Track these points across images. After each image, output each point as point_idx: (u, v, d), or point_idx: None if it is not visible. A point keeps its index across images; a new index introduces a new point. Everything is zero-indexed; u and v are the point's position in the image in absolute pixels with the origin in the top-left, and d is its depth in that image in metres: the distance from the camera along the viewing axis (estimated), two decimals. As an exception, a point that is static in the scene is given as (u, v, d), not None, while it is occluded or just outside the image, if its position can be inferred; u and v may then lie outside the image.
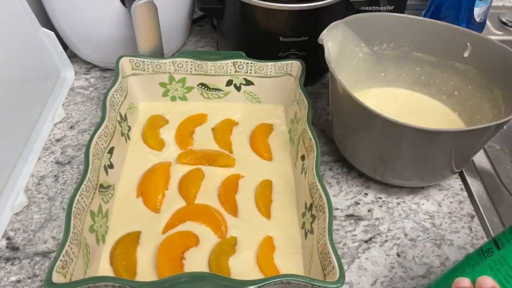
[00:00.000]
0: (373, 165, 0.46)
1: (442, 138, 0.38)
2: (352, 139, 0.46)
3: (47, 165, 0.49)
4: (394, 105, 0.52)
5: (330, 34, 0.46)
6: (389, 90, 0.54)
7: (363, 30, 0.49)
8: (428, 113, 0.51)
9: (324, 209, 0.36)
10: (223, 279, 0.32)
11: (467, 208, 0.45)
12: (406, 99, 0.53)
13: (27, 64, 0.50)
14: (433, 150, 0.40)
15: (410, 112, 0.49)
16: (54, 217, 0.44)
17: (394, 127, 0.38)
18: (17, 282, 0.39)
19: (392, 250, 0.42)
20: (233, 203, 0.44)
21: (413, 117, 0.41)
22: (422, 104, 0.52)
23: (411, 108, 0.51)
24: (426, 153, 0.40)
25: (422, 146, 0.39)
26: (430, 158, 0.41)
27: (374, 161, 0.45)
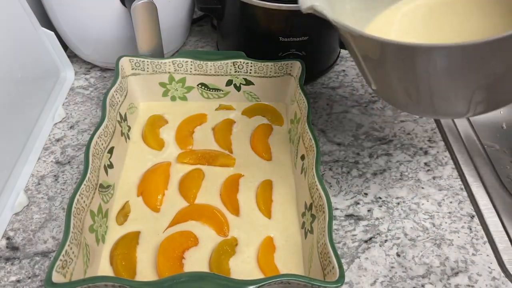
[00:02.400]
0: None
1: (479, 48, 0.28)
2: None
3: (47, 165, 0.49)
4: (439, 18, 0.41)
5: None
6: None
7: None
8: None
9: (324, 209, 0.36)
10: (223, 279, 0.32)
11: (467, 208, 0.46)
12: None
13: (27, 64, 0.50)
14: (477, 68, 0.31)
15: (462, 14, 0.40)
16: (54, 217, 0.44)
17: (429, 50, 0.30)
18: (17, 282, 0.39)
19: (392, 250, 0.42)
20: (235, 202, 0.44)
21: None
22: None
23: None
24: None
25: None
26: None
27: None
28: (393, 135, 0.54)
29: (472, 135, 0.54)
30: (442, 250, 0.42)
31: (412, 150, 0.52)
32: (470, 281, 0.39)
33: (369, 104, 0.58)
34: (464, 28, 0.40)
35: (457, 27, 0.40)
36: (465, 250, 0.42)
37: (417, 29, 0.42)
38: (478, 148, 0.52)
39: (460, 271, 0.40)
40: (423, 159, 0.50)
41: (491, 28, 0.39)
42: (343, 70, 0.64)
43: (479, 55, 0.30)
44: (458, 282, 0.39)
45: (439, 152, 0.51)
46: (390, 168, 0.49)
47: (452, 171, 0.49)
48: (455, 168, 0.50)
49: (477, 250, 0.42)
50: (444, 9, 0.42)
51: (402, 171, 0.49)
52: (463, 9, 0.41)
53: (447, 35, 0.40)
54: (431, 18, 0.42)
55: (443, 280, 0.39)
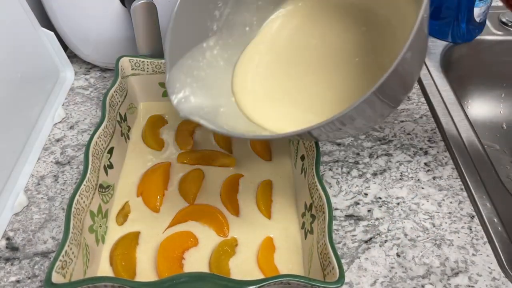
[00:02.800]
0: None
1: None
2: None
3: (46, 165, 0.49)
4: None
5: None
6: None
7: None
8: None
9: (324, 209, 0.36)
10: (223, 279, 0.31)
11: (467, 208, 0.45)
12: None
13: (26, 64, 0.50)
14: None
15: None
16: (53, 217, 0.44)
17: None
18: (16, 282, 0.39)
19: (392, 250, 0.42)
20: (235, 203, 0.44)
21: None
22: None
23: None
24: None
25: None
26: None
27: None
28: (393, 135, 0.54)
29: (472, 135, 0.54)
30: (442, 251, 0.42)
31: (412, 150, 0.52)
32: (470, 281, 0.39)
33: (369, 104, 0.58)
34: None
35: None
36: (465, 250, 0.42)
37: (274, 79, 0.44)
38: (478, 148, 0.52)
39: (460, 272, 0.40)
40: (423, 159, 0.50)
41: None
42: (343, 70, 0.64)
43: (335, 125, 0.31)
44: (458, 283, 0.39)
45: (439, 152, 0.51)
46: (390, 168, 0.49)
47: (452, 171, 0.49)
48: (455, 168, 0.50)
49: (477, 250, 0.42)
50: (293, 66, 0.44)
51: (402, 171, 0.49)
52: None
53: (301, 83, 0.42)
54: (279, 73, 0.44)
55: (443, 281, 0.39)
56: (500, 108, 0.74)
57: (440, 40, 0.70)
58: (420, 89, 0.61)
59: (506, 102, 0.74)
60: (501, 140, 0.71)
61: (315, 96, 0.41)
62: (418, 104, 0.58)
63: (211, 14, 0.42)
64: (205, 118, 0.37)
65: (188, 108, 0.38)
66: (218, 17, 0.43)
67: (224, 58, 0.44)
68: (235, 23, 0.44)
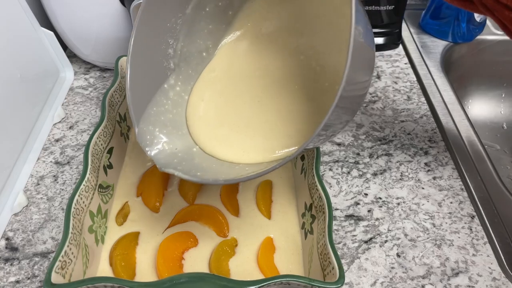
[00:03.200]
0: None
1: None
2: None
3: (46, 165, 0.49)
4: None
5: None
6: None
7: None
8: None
9: (324, 209, 0.36)
10: (223, 279, 0.31)
11: (467, 208, 0.45)
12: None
13: (26, 64, 0.50)
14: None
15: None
16: (53, 218, 0.44)
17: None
18: (16, 283, 0.39)
19: (392, 250, 0.42)
20: (235, 203, 0.44)
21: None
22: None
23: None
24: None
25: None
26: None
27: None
28: (393, 135, 0.53)
29: (473, 135, 0.54)
30: (443, 251, 0.42)
31: (413, 150, 0.52)
32: (470, 281, 0.39)
33: (369, 104, 0.58)
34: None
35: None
36: (466, 250, 0.42)
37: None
38: (479, 148, 0.52)
39: (460, 272, 0.40)
40: (423, 159, 0.50)
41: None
42: (343, 70, 0.64)
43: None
44: (458, 283, 0.39)
45: (439, 152, 0.51)
46: (390, 168, 0.49)
47: (452, 171, 0.49)
48: (455, 169, 0.49)
49: (477, 250, 0.42)
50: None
51: (402, 171, 0.49)
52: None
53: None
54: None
55: (444, 281, 0.39)
56: (500, 108, 0.74)
57: (441, 40, 0.70)
58: (420, 89, 0.61)
59: (507, 102, 0.74)
60: (501, 140, 0.71)
61: (265, 124, 0.41)
62: (418, 104, 0.58)
63: (165, 54, 0.42)
64: (181, 164, 0.37)
65: (164, 157, 0.38)
66: (173, 54, 0.43)
67: (188, 91, 0.44)
68: (191, 53, 0.44)
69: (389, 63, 0.66)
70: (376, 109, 0.57)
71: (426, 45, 0.69)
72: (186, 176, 0.35)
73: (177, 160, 0.38)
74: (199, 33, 0.44)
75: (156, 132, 0.40)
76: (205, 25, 0.44)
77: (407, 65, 0.65)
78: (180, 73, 0.44)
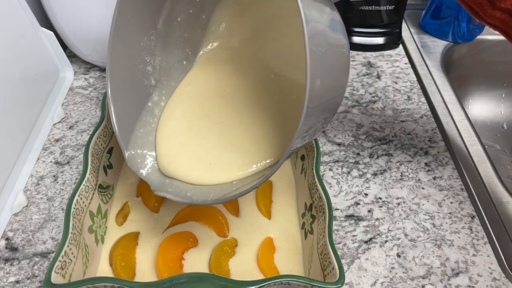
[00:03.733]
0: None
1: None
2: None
3: (46, 165, 0.49)
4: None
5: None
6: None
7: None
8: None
9: (324, 209, 0.36)
10: (222, 279, 0.31)
11: (467, 208, 0.45)
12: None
13: (26, 64, 0.50)
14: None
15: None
16: (53, 218, 0.44)
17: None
18: (16, 283, 0.39)
19: (392, 250, 0.42)
20: (235, 203, 0.44)
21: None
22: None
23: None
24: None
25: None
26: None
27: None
28: (393, 135, 0.53)
29: (473, 135, 0.54)
30: (443, 251, 0.42)
31: (413, 150, 0.52)
32: (470, 281, 0.39)
33: (369, 104, 0.58)
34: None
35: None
36: (466, 250, 0.42)
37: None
38: (479, 148, 0.52)
39: (460, 272, 0.40)
40: (423, 159, 0.50)
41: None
42: (343, 70, 0.64)
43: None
44: (458, 283, 0.39)
45: (439, 152, 0.51)
46: (391, 168, 0.49)
47: (452, 171, 0.49)
48: (455, 169, 0.49)
49: (477, 250, 0.42)
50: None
51: (403, 171, 0.49)
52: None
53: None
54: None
55: (444, 281, 0.39)
56: (500, 108, 0.74)
57: (441, 40, 0.70)
58: (420, 89, 0.61)
59: (507, 102, 0.74)
60: (501, 140, 0.71)
61: (238, 140, 0.41)
62: (418, 104, 0.58)
63: (144, 72, 0.41)
64: (172, 185, 0.37)
65: (157, 178, 0.38)
66: (152, 71, 0.42)
67: None
68: (171, 65, 0.43)
69: (389, 63, 0.66)
70: (376, 109, 0.57)
71: (426, 45, 0.69)
72: (177, 198, 0.35)
73: (168, 180, 0.38)
74: (175, 43, 0.43)
75: (145, 152, 0.39)
76: (180, 34, 0.43)
77: (407, 65, 0.65)
78: (162, 87, 0.43)
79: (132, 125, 0.40)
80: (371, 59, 0.66)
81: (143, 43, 0.40)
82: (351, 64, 0.65)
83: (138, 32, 0.40)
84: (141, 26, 0.39)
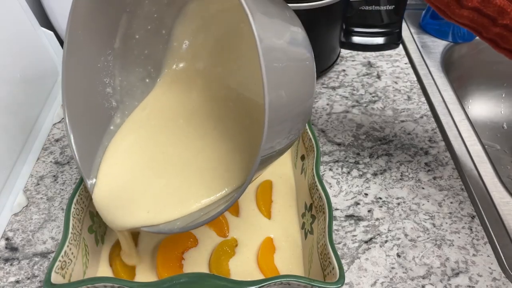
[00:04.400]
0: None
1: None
2: None
3: (46, 165, 0.49)
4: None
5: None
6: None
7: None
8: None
9: (324, 209, 0.36)
10: (222, 279, 0.31)
11: (467, 208, 0.45)
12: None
13: (26, 64, 0.50)
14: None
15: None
16: (53, 218, 0.44)
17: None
18: (16, 283, 0.39)
19: (392, 250, 0.42)
20: (235, 203, 0.44)
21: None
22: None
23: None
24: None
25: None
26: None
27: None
28: (393, 135, 0.53)
29: (473, 135, 0.54)
30: (443, 251, 0.42)
31: (413, 150, 0.52)
32: (470, 281, 0.39)
33: (369, 104, 0.58)
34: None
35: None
36: (466, 250, 0.42)
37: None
38: (479, 148, 0.52)
39: (460, 272, 0.40)
40: (423, 159, 0.50)
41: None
42: (343, 70, 0.64)
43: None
44: (458, 283, 0.39)
45: (439, 152, 0.51)
46: (391, 168, 0.49)
47: (452, 171, 0.49)
48: (455, 169, 0.49)
49: (477, 250, 0.42)
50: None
51: (403, 171, 0.49)
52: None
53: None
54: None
55: (444, 281, 0.39)
56: (500, 108, 0.74)
57: (441, 40, 0.70)
58: (420, 89, 0.61)
59: (507, 102, 0.74)
60: (501, 140, 0.71)
61: (198, 168, 0.38)
62: (418, 104, 0.58)
63: (104, 95, 0.39)
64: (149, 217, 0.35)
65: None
66: (112, 93, 0.39)
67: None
68: (132, 84, 0.41)
69: (389, 63, 0.66)
70: (376, 109, 0.57)
71: (426, 45, 0.69)
72: (144, 229, 0.34)
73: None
74: (135, 61, 0.41)
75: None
76: (139, 52, 0.40)
77: (407, 65, 0.65)
78: (124, 108, 0.40)
79: (94, 151, 0.37)
80: (371, 59, 0.66)
81: (100, 64, 0.38)
82: (351, 64, 0.65)
83: (94, 53, 0.37)
84: (96, 46, 0.37)
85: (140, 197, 0.36)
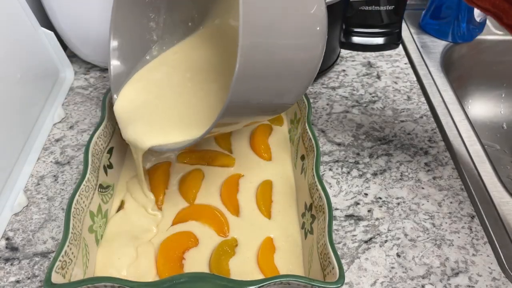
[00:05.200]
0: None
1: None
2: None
3: (46, 165, 0.49)
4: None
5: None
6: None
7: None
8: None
9: (324, 209, 0.36)
10: (223, 279, 0.31)
11: (467, 208, 0.45)
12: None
13: (26, 64, 0.50)
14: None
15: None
16: (53, 218, 0.44)
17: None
18: (16, 283, 0.39)
19: (392, 250, 0.42)
20: (235, 203, 0.44)
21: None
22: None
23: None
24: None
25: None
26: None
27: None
28: (393, 135, 0.53)
29: (472, 135, 0.54)
30: (442, 251, 0.42)
31: (412, 150, 0.52)
32: (470, 281, 0.39)
33: (369, 104, 0.58)
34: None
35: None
36: (466, 250, 0.42)
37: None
38: (478, 148, 0.52)
39: (460, 272, 0.40)
40: (423, 159, 0.50)
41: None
42: (343, 70, 0.64)
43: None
44: (458, 283, 0.39)
45: (439, 152, 0.51)
46: (390, 168, 0.49)
47: (452, 171, 0.49)
48: (455, 169, 0.49)
49: (477, 250, 0.42)
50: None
51: (402, 171, 0.49)
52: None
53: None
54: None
55: (443, 281, 0.39)
56: (500, 108, 0.74)
57: (441, 40, 0.70)
58: (420, 89, 0.61)
59: (506, 102, 0.74)
60: (501, 140, 0.71)
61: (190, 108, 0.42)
62: (418, 104, 0.58)
63: (147, 27, 0.43)
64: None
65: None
66: (155, 27, 0.43)
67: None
68: (175, 23, 0.44)
69: (389, 63, 0.66)
70: (376, 109, 0.57)
71: (426, 45, 0.69)
72: (169, 146, 0.37)
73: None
74: (183, 1, 0.44)
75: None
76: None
77: (407, 65, 0.65)
78: (163, 44, 0.44)
79: (127, 73, 0.42)
80: (371, 59, 0.66)
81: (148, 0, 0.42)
82: (351, 64, 0.65)
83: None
84: None
85: (151, 119, 0.41)
